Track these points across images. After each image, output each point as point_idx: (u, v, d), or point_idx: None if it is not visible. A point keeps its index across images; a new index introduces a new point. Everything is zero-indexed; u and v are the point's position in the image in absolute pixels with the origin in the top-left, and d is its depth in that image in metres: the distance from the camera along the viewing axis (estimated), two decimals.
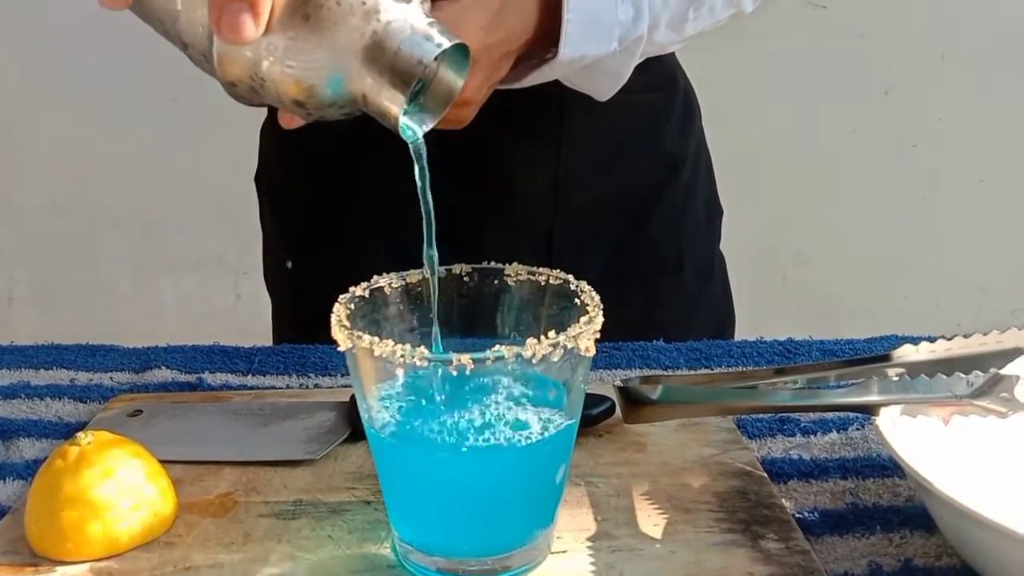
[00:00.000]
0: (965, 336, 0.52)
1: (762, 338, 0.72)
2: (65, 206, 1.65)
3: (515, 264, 0.48)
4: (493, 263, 0.48)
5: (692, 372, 0.67)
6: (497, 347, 0.37)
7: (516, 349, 0.38)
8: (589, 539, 0.46)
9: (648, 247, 0.77)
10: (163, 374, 0.66)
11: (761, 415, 0.58)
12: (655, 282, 0.80)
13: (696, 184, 0.84)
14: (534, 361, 0.38)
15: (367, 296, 0.45)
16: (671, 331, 0.72)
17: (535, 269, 0.47)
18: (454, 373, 0.37)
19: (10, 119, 1.64)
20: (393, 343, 0.38)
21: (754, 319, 0.93)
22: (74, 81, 1.60)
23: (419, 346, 0.38)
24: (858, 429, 0.58)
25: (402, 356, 0.38)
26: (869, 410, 0.47)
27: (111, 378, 0.66)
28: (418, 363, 0.37)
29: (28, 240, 1.69)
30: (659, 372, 0.67)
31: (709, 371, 0.67)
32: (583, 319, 0.41)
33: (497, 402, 0.41)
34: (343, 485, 0.51)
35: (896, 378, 0.48)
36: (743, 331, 0.90)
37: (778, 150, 1.57)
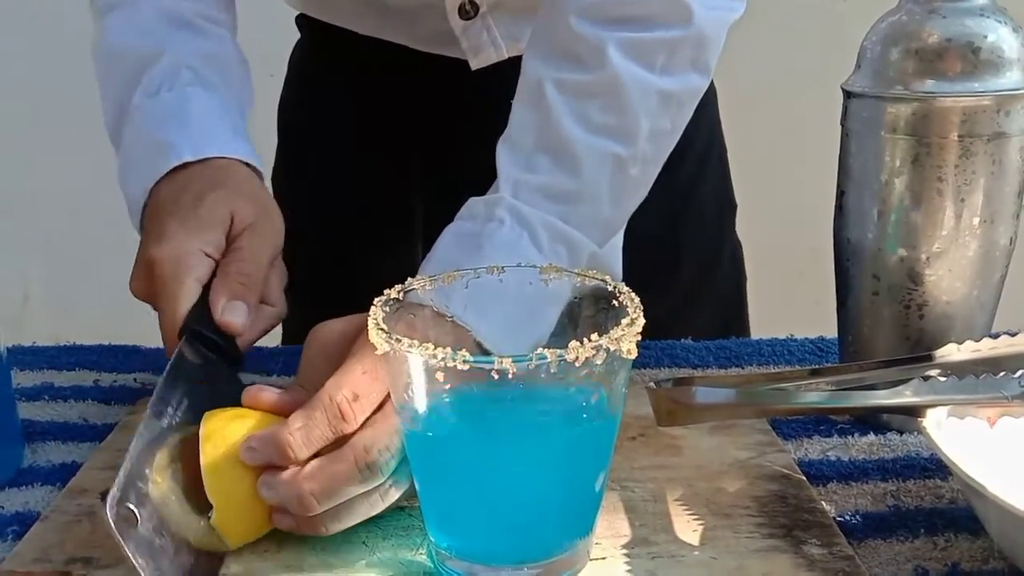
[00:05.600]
0: (1011, 335, 0.51)
1: (792, 336, 0.71)
2: (78, 203, 1.64)
3: (551, 264, 0.47)
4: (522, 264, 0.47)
5: (723, 371, 0.66)
6: (540, 350, 0.37)
7: (559, 352, 0.37)
8: (628, 545, 0.46)
9: (637, 242, 0.73)
10: None
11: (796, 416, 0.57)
12: (645, 279, 0.77)
13: (702, 178, 0.82)
14: (577, 364, 0.37)
15: (401, 298, 0.44)
16: (665, 328, 0.70)
17: (571, 270, 0.46)
18: (495, 377, 0.36)
19: (25, 116, 1.64)
20: (433, 347, 0.37)
21: (772, 315, 0.92)
22: (90, 78, 1.59)
23: (460, 349, 0.37)
24: (896, 430, 0.57)
25: (443, 360, 0.37)
26: (915, 411, 0.46)
27: (135, 379, 0.65)
28: (459, 367, 0.36)
29: (42, 238, 1.69)
30: (689, 371, 0.66)
31: (740, 370, 0.66)
32: (624, 321, 0.40)
33: (538, 406, 0.40)
34: None
35: (943, 378, 0.47)
36: (764, 327, 0.89)
37: (798, 142, 1.56)
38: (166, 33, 0.62)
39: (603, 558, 0.45)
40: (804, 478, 0.51)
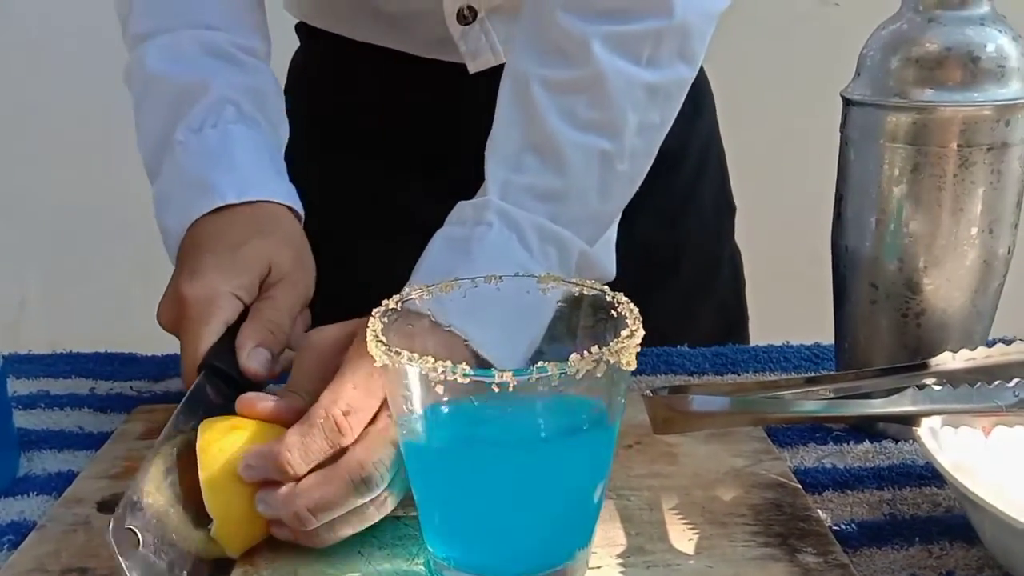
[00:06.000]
0: (1006, 343, 0.51)
1: (788, 343, 0.71)
2: (76, 209, 1.64)
3: (548, 273, 0.47)
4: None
5: (719, 378, 0.66)
6: (540, 363, 0.37)
7: (559, 365, 0.37)
8: (623, 555, 0.46)
9: (637, 243, 0.73)
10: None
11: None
12: (646, 280, 0.75)
13: (702, 179, 0.82)
14: (578, 377, 0.37)
15: (399, 308, 0.44)
16: (667, 330, 0.69)
17: (569, 279, 0.46)
18: (495, 389, 0.36)
19: (21, 121, 1.63)
20: (432, 360, 0.37)
21: (772, 320, 0.92)
22: (87, 81, 1.59)
23: (460, 362, 0.37)
24: (891, 438, 0.57)
25: (442, 373, 0.37)
26: (910, 420, 0.46)
27: (131, 387, 0.65)
28: (459, 380, 0.36)
29: (39, 244, 1.68)
30: (685, 378, 0.66)
31: (736, 377, 0.66)
32: (624, 333, 0.40)
33: (536, 418, 0.40)
34: None
35: (937, 387, 0.47)
36: (761, 331, 0.89)
37: (792, 147, 1.56)
38: (207, 65, 0.63)
39: (599, 567, 0.45)
40: (800, 486, 0.51)
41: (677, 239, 0.81)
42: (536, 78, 0.56)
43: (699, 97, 0.82)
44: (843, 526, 0.49)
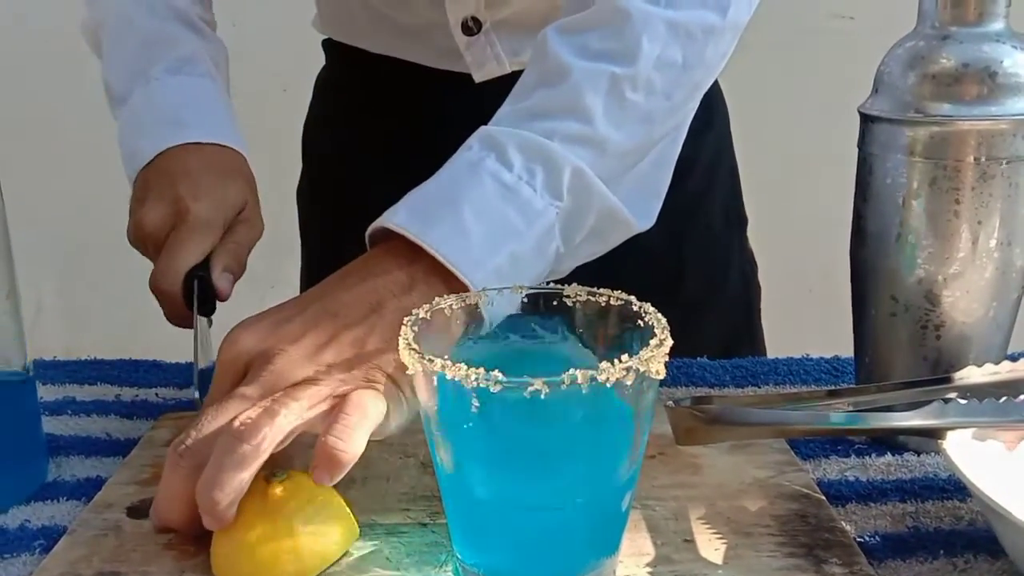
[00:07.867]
0: None
1: (807, 355, 0.71)
2: (92, 214, 1.65)
3: (574, 284, 0.47)
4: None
5: (740, 391, 0.66)
6: (572, 371, 0.37)
7: (591, 373, 0.37)
8: (650, 564, 0.46)
9: (640, 253, 0.71)
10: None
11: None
12: (648, 290, 0.76)
13: (711, 191, 0.82)
14: (608, 385, 0.37)
15: (429, 318, 0.44)
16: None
17: (594, 290, 0.46)
18: (527, 397, 0.37)
19: (37, 125, 1.65)
20: (465, 367, 0.38)
21: (786, 333, 0.92)
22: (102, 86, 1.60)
23: (493, 370, 0.37)
24: (913, 451, 0.57)
25: (476, 380, 0.37)
26: (936, 434, 0.46)
27: (156, 394, 0.66)
28: (492, 387, 0.37)
29: (55, 249, 1.69)
30: (706, 390, 0.66)
31: (757, 389, 0.66)
32: (652, 342, 0.40)
33: (566, 426, 0.40)
34: (397, 506, 0.50)
35: (962, 401, 0.48)
36: (775, 346, 0.90)
37: (804, 162, 1.57)
38: (179, 28, 0.70)
39: None
40: (824, 498, 0.51)
41: (681, 250, 0.81)
42: (555, 27, 0.56)
43: (709, 109, 0.82)
44: (867, 538, 0.49)
